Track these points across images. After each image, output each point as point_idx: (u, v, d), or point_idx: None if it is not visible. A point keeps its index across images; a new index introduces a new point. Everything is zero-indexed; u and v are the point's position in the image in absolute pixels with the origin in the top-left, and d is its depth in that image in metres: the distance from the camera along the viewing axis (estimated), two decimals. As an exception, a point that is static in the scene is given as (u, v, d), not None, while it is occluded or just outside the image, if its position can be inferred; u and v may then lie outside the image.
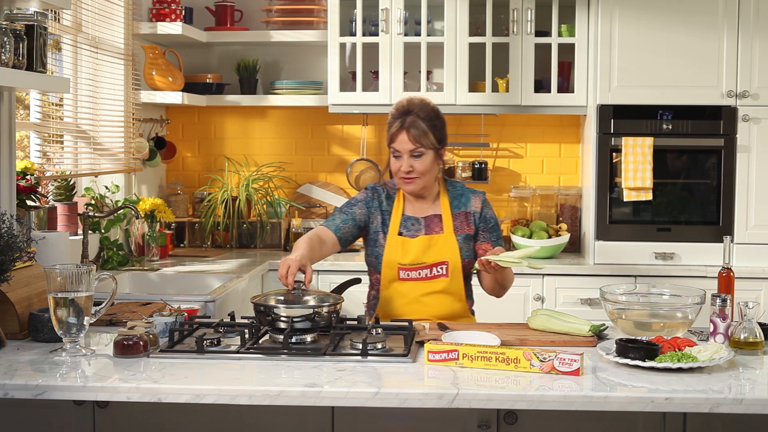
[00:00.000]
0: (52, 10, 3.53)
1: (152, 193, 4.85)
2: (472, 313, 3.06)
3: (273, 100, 4.78)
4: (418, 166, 2.90)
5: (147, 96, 4.52)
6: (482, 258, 2.74)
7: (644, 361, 2.23)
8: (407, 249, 2.93)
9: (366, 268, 3.07)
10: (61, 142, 4.07)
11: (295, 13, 4.77)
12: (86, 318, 2.36)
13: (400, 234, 2.96)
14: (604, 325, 2.61)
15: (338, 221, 2.97)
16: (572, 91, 4.49)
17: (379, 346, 2.39)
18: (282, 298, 2.54)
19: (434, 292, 2.93)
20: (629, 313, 2.59)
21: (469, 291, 3.04)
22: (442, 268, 2.93)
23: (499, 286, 2.98)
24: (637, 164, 4.25)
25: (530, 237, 4.47)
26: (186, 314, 2.64)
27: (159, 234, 4.36)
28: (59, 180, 3.90)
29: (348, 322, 2.61)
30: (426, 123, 2.92)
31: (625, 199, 4.29)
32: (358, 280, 3.33)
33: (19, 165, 3.33)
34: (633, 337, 2.39)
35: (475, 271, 2.99)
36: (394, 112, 2.97)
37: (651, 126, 4.30)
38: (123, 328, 2.39)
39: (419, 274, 2.93)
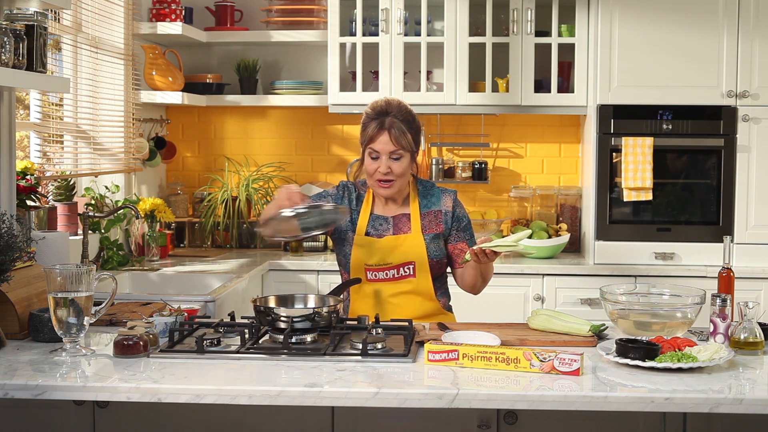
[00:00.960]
0: (52, 10, 3.53)
1: (152, 193, 4.85)
2: (449, 309, 3.03)
3: (273, 100, 4.78)
4: (396, 168, 2.87)
5: (147, 96, 4.52)
6: (474, 248, 2.70)
7: (644, 361, 2.23)
8: (373, 249, 2.90)
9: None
10: (61, 142, 4.07)
11: (295, 13, 4.77)
12: (86, 318, 2.36)
13: (367, 234, 2.93)
14: (604, 325, 2.61)
15: None
16: (572, 91, 4.49)
17: (379, 346, 2.39)
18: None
19: (402, 293, 2.91)
20: (629, 313, 2.59)
21: (442, 289, 3.00)
22: (408, 269, 2.90)
23: (481, 279, 2.93)
24: (637, 164, 4.25)
25: (530, 237, 4.47)
26: (186, 314, 2.64)
27: (159, 234, 4.36)
28: (59, 180, 3.90)
29: (348, 322, 2.61)
30: (405, 125, 2.90)
31: (625, 199, 4.29)
32: (358, 280, 3.32)
33: (19, 165, 3.33)
34: (633, 337, 2.39)
35: (456, 266, 2.97)
36: (370, 112, 2.92)
37: (651, 126, 4.30)
38: (123, 328, 2.39)
39: (386, 274, 2.91)
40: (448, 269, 3.04)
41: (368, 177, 2.92)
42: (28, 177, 3.36)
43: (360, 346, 2.36)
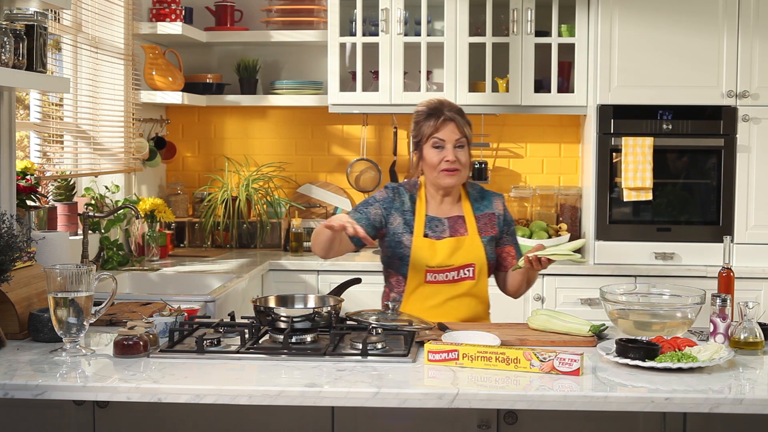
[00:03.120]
0: (52, 10, 3.53)
1: (152, 193, 4.85)
2: (488, 315, 3.06)
3: (273, 100, 4.78)
4: (461, 157, 2.90)
5: (147, 96, 4.52)
6: (529, 255, 2.73)
7: (644, 361, 2.23)
8: (435, 251, 2.90)
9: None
10: (61, 142, 4.07)
11: (295, 13, 4.77)
12: (86, 318, 2.36)
13: (425, 235, 2.93)
14: (604, 325, 2.61)
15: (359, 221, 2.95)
16: (572, 91, 4.49)
17: (379, 346, 2.39)
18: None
19: (459, 295, 2.91)
20: (629, 313, 2.59)
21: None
22: (468, 271, 2.91)
23: (526, 284, 2.98)
24: (637, 164, 4.25)
25: (530, 237, 4.47)
26: (186, 314, 2.64)
27: (159, 234, 4.36)
28: (59, 180, 3.90)
29: (348, 322, 2.61)
30: (463, 118, 2.95)
31: (625, 199, 4.29)
32: (358, 280, 3.32)
33: (19, 165, 3.33)
34: (633, 337, 2.39)
35: (505, 271, 3.00)
36: (425, 109, 2.95)
37: (651, 126, 4.30)
38: (123, 328, 2.39)
39: (446, 276, 2.91)
40: None
41: (431, 169, 2.92)
42: (28, 177, 3.36)
43: (360, 346, 2.36)
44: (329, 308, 2.51)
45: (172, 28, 4.46)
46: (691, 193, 4.35)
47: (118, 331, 2.37)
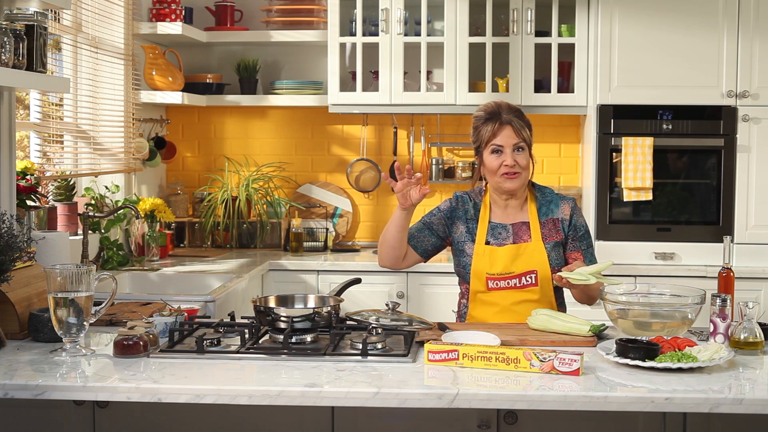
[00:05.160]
0: (52, 10, 3.53)
1: (152, 193, 4.85)
2: None
3: (273, 100, 4.78)
4: (521, 161, 2.88)
5: (147, 96, 4.52)
6: (556, 275, 2.74)
7: (644, 361, 2.23)
8: (495, 258, 2.88)
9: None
10: (61, 142, 4.07)
11: (295, 13, 4.77)
12: (86, 318, 2.36)
13: (487, 243, 2.91)
14: (604, 325, 2.61)
15: (413, 230, 2.96)
16: (572, 91, 4.49)
17: (379, 346, 2.39)
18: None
19: (525, 301, 2.88)
20: (629, 313, 2.59)
21: (560, 298, 3.00)
22: (531, 278, 2.88)
23: (586, 296, 2.91)
24: (637, 164, 4.25)
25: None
26: (186, 314, 2.64)
27: (159, 234, 4.36)
28: (59, 180, 3.90)
29: (348, 322, 2.61)
30: (522, 120, 2.93)
31: (625, 199, 4.29)
32: (358, 281, 3.32)
33: (19, 165, 3.33)
34: (633, 337, 2.39)
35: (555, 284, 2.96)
36: (482, 114, 2.93)
37: (651, 126, 4.30)
38: (123, 328, 2.39)
39: (508, 283, 2.88)
40: None
41: (492, 175, 2.91)
42: (28, 177, 3.35)
43: (360, 346, 2.36)
44: (329, 308, 2.51)
45: (172, 28, 4.46)
46: (691, 193, 4.35)
47: (118, 331, 2.37)
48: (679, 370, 2.21)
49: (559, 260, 2.91)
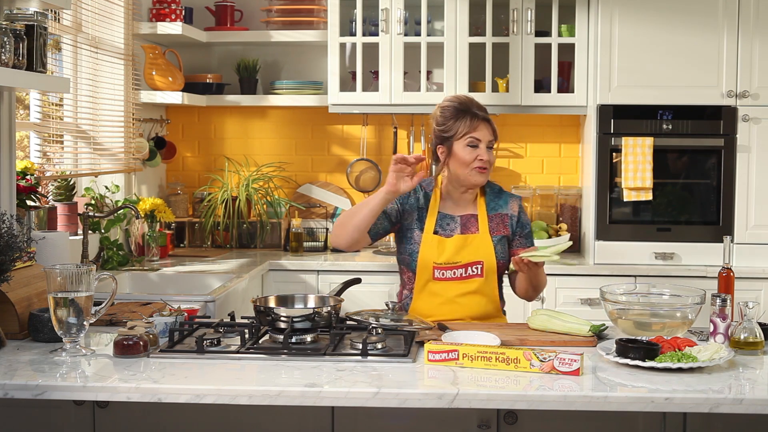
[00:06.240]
0: (52, 10, 3.53)
1: (152, 193, 4.85)
2: (504, 313, 3.05)
3: (273, 100, 4.78)
4: (490, 158, 2.93)
5: (147, 96, 4.52)
6: (516, 257, 2.75)
7: (644, 361, 2.23)
8: (442, 248, 2.91)
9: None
10: (61, 142, 4.07)
11: (295, 13, 4.77)
12: (86, 318, 2.36)
13: (435, 232, 2.94)
14: (604, 325, 2.61)
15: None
16: (572, 91, 4.49)
17: (379, 346, 2.39)
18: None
19: (468, 293, 2.91)
20: (629, 313, 2.59)
21: (501, 292, 3.03)
22: (476, 268, 2.92)
23: (532, 287, 2.96)
24: (637, 164, 4.25)
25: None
26: (186, 314, 2.64)
27: (159, 234, 4.36)
28: (59, 180, 3.90)
29: (348, 322, 2.61)
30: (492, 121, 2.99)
31: (625, 199, 4.29)
32: (358, 280, 3.32)
33: (19, 165, 3.33)
34: (633, 337, 2.39)
35: (508, 273, 3.01)
36: (456, 104, 2.95)
37: (651, 126, 4.30)
38: (123, 328, 2.39)
39: (454, 273, 2.91)
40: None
41: (462, 167, 2.92)
42: (28, 177, 3.36)
43: (360, 346, 2.36)
44: (329, 308, 2.52)
45: (172, 28, 4.46)
46: (691, 193, 4.35)
47: (118, 331, 2.37)
48: (679, 370, 2.21)
49: (504, 254, 2.97)
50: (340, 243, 2.93)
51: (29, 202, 3.36)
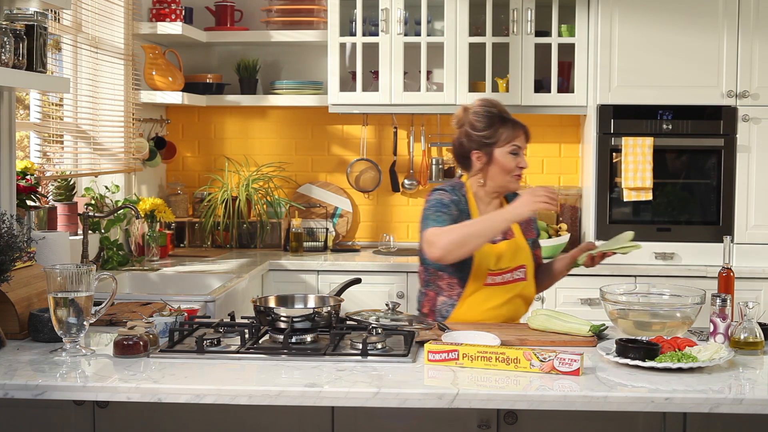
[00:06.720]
0: (52, 10, 3.53)
1: (152, 193, 4.85)
2: None
3: (273, 100, 4.78)
4: (527, 165, 2.98)
5: (147, 96, 4.52)
6: (593, 252, 2.86)
7: (644, 361, 2.23)
8: (494, 254, 2.89)
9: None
10: (61, 142, 4.07)
11: (295, 13, 4.77)
12: (86, 318, 2.36)
13: None
14: (604, 325, 2.61)
15: (451, 224, 2.83)
16: (572, 91, 4.49)
17: (379, 346, 2.39)
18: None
19: (513, 297, 2.93)
20: (629, 313, 2.59)
21: None
22: (521, 272, 2.94)
23: (556, 281, 3.09)
24: (637, 164, 4.25)
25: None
26: (186, 314, 2.64)
27: (159, 234, 4.36)
28: (59, 180, 3.90)
29: (348, 322, 2.61)
30: None
31: (625, 199, 4.29)
32: (358, 281, 3.32)
33: (19, 165, 3.33)
34: (633, 337, 2.39)
35: (575, 266, 3.05)
36: (495, 111, 2.93)
37: (651, 126, 4.30)
38: (123, 328, 2.39)
39: (503, 278, 2.91)
40: None
41: (503, 173, 2.91)
42: (28, 177, 3.35)
43: (360, 346, 2.36)
44: (329, 308, 2.52)
45: (172, 28, 4.45)
46: (691, 193, 4.35)
47: (118, 331, 2.37)
48: (679, 370, 2.21)
49: (534, 256, 3.02)
50: (450, 259, 2.77)
51: (29, 202, 3.36)
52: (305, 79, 4.93)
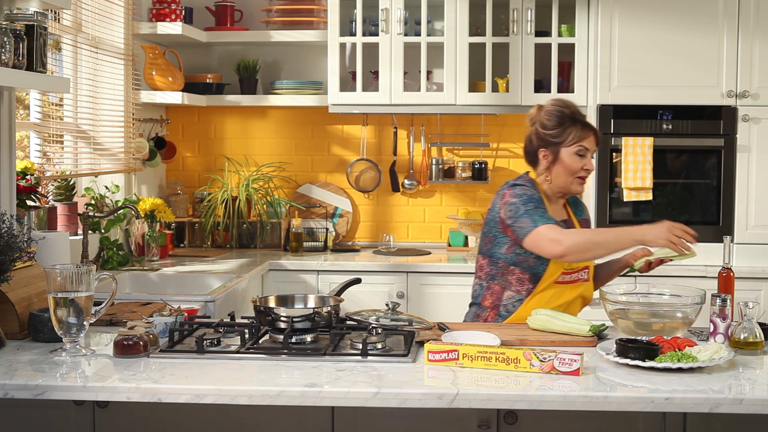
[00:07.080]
0: (52, 10, 3.53)
1: (152, 193, 4.85)
2: None
3: (273, 100, 4.78)
4: (594, 168, 2.96)
5: (147, 96, 4.52)
6: (650, 258, 2.85)
7: (644, 361, 2.23)
8: None
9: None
10: (61, 142, 4.07)
11: (295, 13, 4.77)
12: (86, 318, 2.36)
13: None
14: (604, 325, 2.61)
15: (553, 222, 2.84)
16: (572, 91, 4.49)
17: (379, 346, 2.39)
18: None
19: (577, 296, 2.95)
20: (629, 313, 2.59)
21: None
22: (585, 273, 2.96)
23: (604, 284, 3.01)
24: (637, 164, 4.25)
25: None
26: (186, 314, 2.64)
27: (159, 234, 4.36)
28: (59, 180, 3.90)
29: (348, 322, 2.61)
30: None
31: (625, 199, 4.29)
32: (358, 281, 3.32)
33: (19, 165, 3.33)
34: (633, 337, 2.39)
35: (630, 272, 3.01)
36: (568, 111, 2.91)
37: (651, 126, 4.30)
38: (123, 328, 2.38)
39: (571, 277, 2.92)
40: None
41: (568, 174, 2.91)
42: (28, 177, 3.35)
43: (360, 346, 2.36)
44: (329, 308, 2.51)
45: (172, 28, 4.46)
46: (691, 193, 4.35)
47: (118, 331, 2.37)
48: (679, 370, 2.21)
49: None
50: (568, 260, 2.82)
51: (29, 202, 3.36)
52: (305, 79, 4.93)
